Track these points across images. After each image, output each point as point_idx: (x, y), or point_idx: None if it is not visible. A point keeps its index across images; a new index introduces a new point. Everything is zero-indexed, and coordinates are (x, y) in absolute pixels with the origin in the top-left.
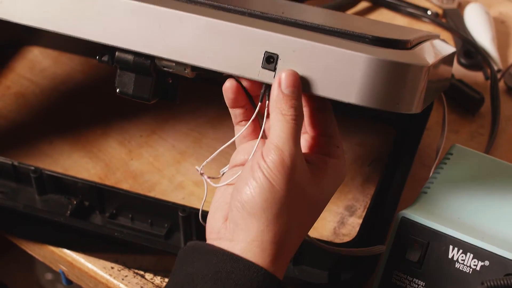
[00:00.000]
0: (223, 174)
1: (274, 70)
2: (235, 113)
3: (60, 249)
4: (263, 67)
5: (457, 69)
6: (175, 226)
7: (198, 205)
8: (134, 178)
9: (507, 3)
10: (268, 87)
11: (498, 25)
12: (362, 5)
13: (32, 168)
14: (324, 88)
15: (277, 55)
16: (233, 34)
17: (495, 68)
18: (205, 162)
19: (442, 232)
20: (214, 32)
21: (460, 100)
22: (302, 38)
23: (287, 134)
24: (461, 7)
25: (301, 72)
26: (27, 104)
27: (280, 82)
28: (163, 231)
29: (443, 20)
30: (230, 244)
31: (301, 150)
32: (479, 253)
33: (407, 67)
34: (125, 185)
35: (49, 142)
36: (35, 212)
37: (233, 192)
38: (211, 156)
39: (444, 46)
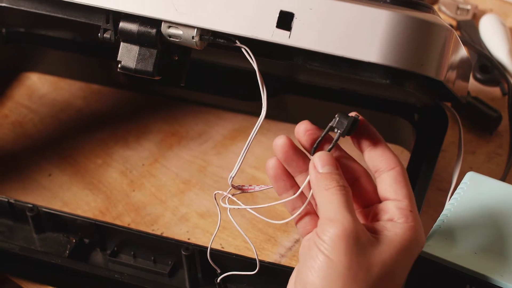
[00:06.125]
0: (231, 180)
1: (289, 30)
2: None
3: None
4: (277, 27)
5: (473, 85)
6: (179, 262)
7: (203, 238)
8: (136, 211)
9: None
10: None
11: None
12: None
13: (29, 205)
14: (342, 47)
15: (293, 14)
16: None
17: None
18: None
19: (459, 270)
20: None
21: (476, 118)
22: None
23: (337, 204)
24: (476, 18)
25: (318, 30)
26: (25, 134)
27: (314, 165)
28: (167, 269)
29: (458, 33)
30: None
31: (357, 218)
32: None
33: (434, 26)
34: (127, 219)
35: (47, 174)
36: (32, 254)
37: (296, 277)
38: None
39: None
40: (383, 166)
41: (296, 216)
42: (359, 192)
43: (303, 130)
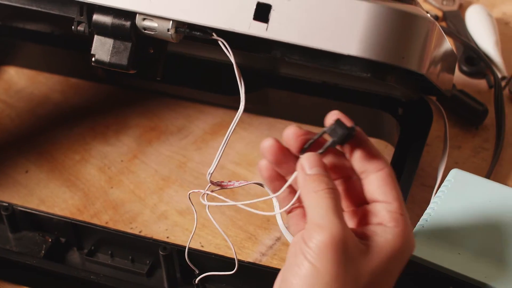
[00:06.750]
0: (210, 176)
1: (267, 22)
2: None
3: None
4: (254, 19)
5: (458, 77)
6: (158, 262)
7: (182, 236)
8: (114, 208)
9: (511, 3)
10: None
11: (502, 27)
12: None
13: (4, 204)
14: (321, 40)
15: (270, 6)
16: None
17: (499, 75)
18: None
19: (441, 271)
20: None
21: (462, 112)
22: None
23: (325, 208)
24: (462, 8)
25: (296, 22)
26: (1, 129)
27: (302, 166)
28: (145, 269)
29: (443, 24)
30: None
31: (346, 224)
32: None
33: (416, 18)
34: (105, 217)
35: (24, 171)
36: (6, 255)
37: (280, 282)
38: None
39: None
40: (370, 167)
41: (280, 212)
42: (352, 191)
43: (292, 135)
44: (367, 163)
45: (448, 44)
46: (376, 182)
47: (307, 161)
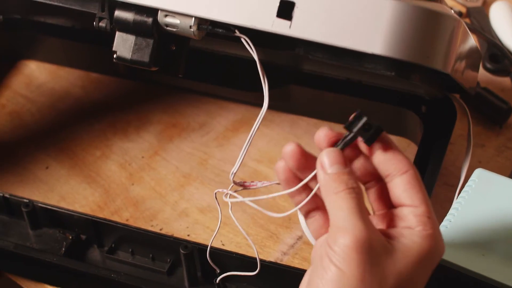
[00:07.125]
0: (233, 176)
1: (290, 19)
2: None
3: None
4: (278, 16)
5: (482, 75)
6: (179, 260)
7: (204, 235)
8: (135, 205)
9: None
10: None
11: None
12: None
13: (25, 201)
14: (345, 38)
15: (294, 3)
16: None
17: None
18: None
19: (465, 273)
20: None
21: (485, 110)
22: None
23: (348, 210)
24: (486, 5)
25: (320, 20)
26: (22, 124)
27: (322, 164)
28: (165, 267)
29: (467, 20)
30: None
31: (372, 224)
32: None
33: (441, 16)
34: (126, 214)
35: (45, 167)
36: (27, 252)
37: (307, 285)
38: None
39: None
40: (394, 170)
41: (297, 209)
42: (384, 192)
43: (323, 137)
44: (391, 166)
45: (472, 41)
46: (401, 185)
47: (327, 157)
